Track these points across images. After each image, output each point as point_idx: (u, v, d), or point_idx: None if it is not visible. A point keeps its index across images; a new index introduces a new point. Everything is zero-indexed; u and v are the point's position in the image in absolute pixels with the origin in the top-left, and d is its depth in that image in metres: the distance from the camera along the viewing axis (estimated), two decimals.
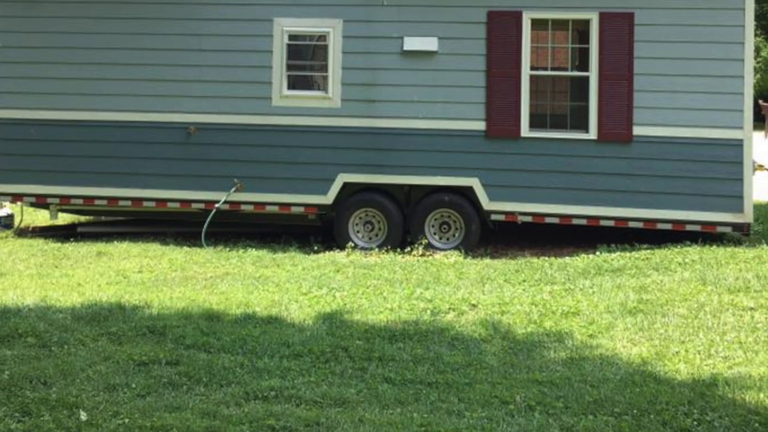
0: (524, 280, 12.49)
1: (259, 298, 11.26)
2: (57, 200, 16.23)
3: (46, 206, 16.66)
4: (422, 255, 15.03)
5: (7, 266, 13.75)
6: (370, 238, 15.68)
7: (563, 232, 15.90)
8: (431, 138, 15.33)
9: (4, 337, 9.22)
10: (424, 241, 15.32)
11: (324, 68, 15.62)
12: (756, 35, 37.52)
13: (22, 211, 17.79)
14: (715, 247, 14.15)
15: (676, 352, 8.87)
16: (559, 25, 15.40)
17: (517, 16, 15.18)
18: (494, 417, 7.22)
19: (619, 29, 14.93)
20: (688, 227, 14.87)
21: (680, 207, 14.80)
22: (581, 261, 13.83)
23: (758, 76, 47.95)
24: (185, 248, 15.14)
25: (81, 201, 16.16)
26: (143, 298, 11.10)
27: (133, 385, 7.86)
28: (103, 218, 17.82)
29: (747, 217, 14.72)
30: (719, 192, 14.71)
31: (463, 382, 8.13)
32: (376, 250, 15.31)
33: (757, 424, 6.97)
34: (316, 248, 15.62)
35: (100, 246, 15.13)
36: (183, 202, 15.86)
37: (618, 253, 14.22)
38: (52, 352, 8.80)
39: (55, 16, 16.06)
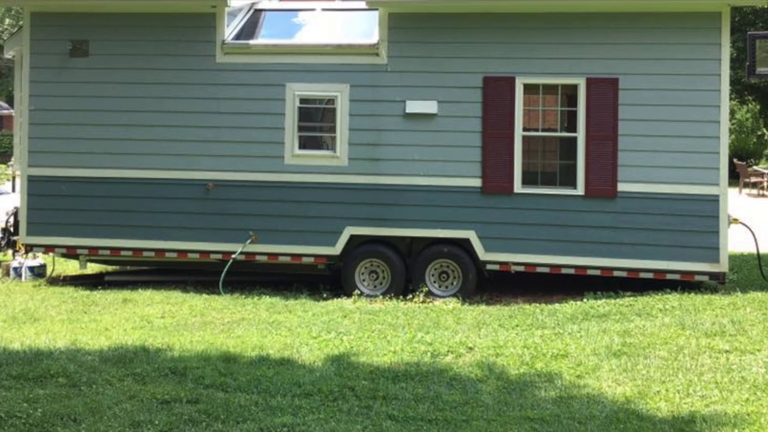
0: (517, 325, 12.51)
1: (272, 342, 11.28)
2: (86, 251, 16.28)
3: (75, 257, 16.72)
4: (423, 302, 15.07)
5: (40, 312, 13.79)
6: (375, 286, 15.73)
7: (553, 281, 15.91)
8: (431, 194, 15.41)
9: (37, 377, 9.26)
10: (425, 289, 15.37)
11: (332, 129, 15.72)
12: (731, 99, 37.72)
13: (53, 261, 17.85)
14: (693, 294, 14.13)
15: (658, 392, 8.90)
16: (549, 89, 15.50)
17: (510, 82, 15.29)
18: None
19: (604, 93, 15.03)
20: (669, 276, 14.89)
21: (661, 257, 14.85)
22: (570, 307, 13.83)
23: (733, 136, 48.37)
24: (204, 295, 15.15)
25: (108, 252, 16.23)
26: (166, 342, 11.13)
27: (156, 422, 7.90)
28: (128, 268, 17.86)
29: (723, 266, 14.75)
30: (697, 244, 14.76)
31: (460, 419, 8.17)
32: (381, 297, 15.35)
33: None
34: (325, 295, 15.65)
35: (126, 293, 15.13)
36: (202, 252, 15.93)
37: (604, 300, 14.19)
38: (82, 392, 8.83)
39: (84, 81, 16.18)
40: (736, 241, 17.14)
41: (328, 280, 16.38)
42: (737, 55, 37.72)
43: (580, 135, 15.10)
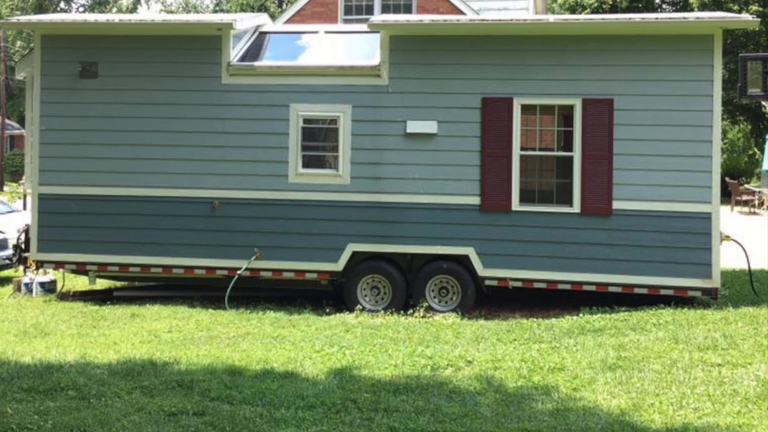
0: (515, 339, 12.52)
1: (276, 356, 11.31)
2: (95, 267, 16.34)
3: (85, 273, 16.78)
4: (423, 317, 15.08)
5: (51, 327, 13.82)
6: (377, 302, 15.75)
7: (550, 296, 15.94)
8: (431, 211, 15.44)
9: (47, 390, 9.30)
10: (425, 304, 15.39)
11: (335, 149, 15.76)
12: (723, 119, 37.82)
13: (63, 277, 17.92)
14: (686, 309, 14.15)
15: (652, 404, 8.92)
16: (546, 110, 15.55)
17: (508, 102, 15.33)
18: None
19: (600, 114, 15.07)
20: (662, 292, 14.91)
21: (655, 273, 14.86)
22: (566, 322, 13.85)
23: (725, 156, 48.49)
24: (210, 310, 15.16)
25: (117, 268, 16.28)
26: (173, 356, 11.16)
27: None
28: (136, 283, 17.89)
29: (715, 282, 14.78)
30: (690, 260, 14.79)
31: (460, 430, 8.18)
32: (382, 312, 15.38)
33: None
34: (328, 310, 15.65)
35: (134, 309, 15.18)
36: (208, 269, 15.96)
37: (599, 315, 14.24)
38: (91, 404, 8.87)
39: (94, 101, 16.24)
40: (728, 258, 17.16)
41: (330, 296, 16.41)
42: (729, 77, 37.89)
43: (576, 154, 15.13)
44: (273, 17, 34.87)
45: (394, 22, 15.86)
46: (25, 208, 34.42)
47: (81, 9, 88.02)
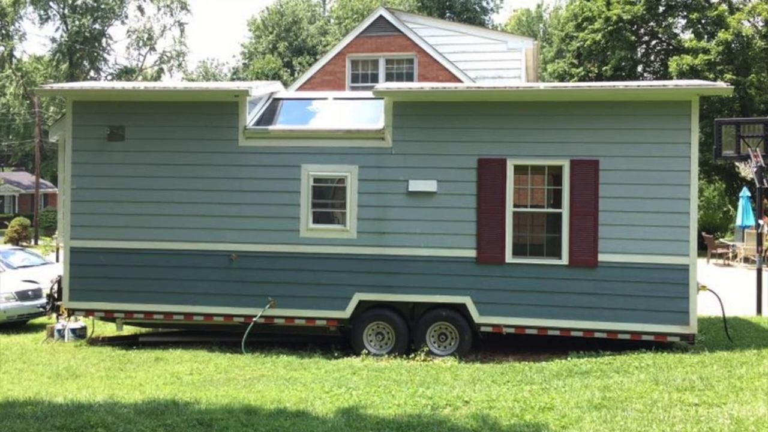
0: (508, 381, 12.55)
1: (289, 396, 11.34)
2: (122, 315, 16.42)
3: (113, 320, 16.85)
4: (424, 360, 15.13)
5: (81, 369, 13.87)
6: (381, 346, 15.79)
7: (541, 341, 15.96)
8: (431, 264, 15.53)
9: (78, 428, 9.33)
10: (426, 349, 15.45)
11: (343, 206, 15.87)
12: (699, 178, 37.94)
13: (93, 324, 17.99)
14: (666, 353, 14.17)
15: None
16: (537, 170, 15.65)
17: (502, 163, 15.46)
18: None
19: (586, 174, 15.18)
20: (644, 337, 14.96)
21: (637, 320, 14.91)
22: (555, 365, 13.87)
23: (701, 212, 48.62)
24: (228, 354, 15.22)
25: (142, 315, 16.37)
26: (193, 396, 11.20)
27: None
28: (160, 329, 17.96)
29: (692, 328, 14.83)
30: (669, 308, 14.84)
31: None
32: (386, 356, 15.42)
33: None
34: (336, 354, 15.70)
35: (158, 353, 15.23)
36: (226, 316, 16.03)
37: (586, 359, 14.25)
38: None
39: (121, 162, 16.37)
40: (704, 306, 17.20)
41: (339, 341, 16.45)
42: (705, 139, 38.03)
43: (565, 211, 15.24)
44: (285, 85, 35.14)
45: (397, 89, 16.03)
46: (57, 260, 34.49)
47: (109, 77, 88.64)
